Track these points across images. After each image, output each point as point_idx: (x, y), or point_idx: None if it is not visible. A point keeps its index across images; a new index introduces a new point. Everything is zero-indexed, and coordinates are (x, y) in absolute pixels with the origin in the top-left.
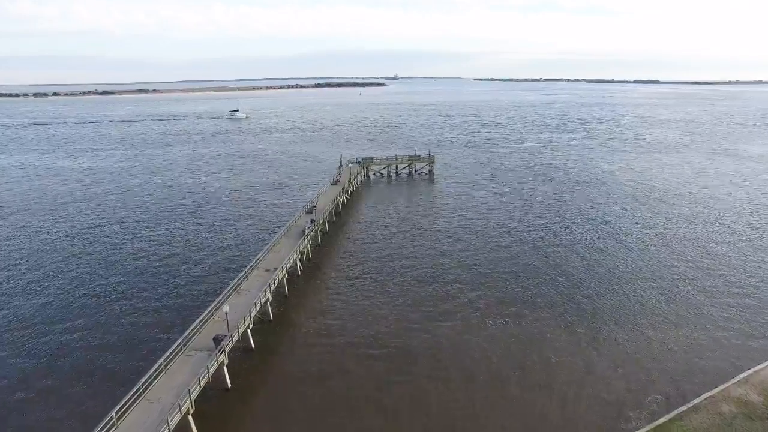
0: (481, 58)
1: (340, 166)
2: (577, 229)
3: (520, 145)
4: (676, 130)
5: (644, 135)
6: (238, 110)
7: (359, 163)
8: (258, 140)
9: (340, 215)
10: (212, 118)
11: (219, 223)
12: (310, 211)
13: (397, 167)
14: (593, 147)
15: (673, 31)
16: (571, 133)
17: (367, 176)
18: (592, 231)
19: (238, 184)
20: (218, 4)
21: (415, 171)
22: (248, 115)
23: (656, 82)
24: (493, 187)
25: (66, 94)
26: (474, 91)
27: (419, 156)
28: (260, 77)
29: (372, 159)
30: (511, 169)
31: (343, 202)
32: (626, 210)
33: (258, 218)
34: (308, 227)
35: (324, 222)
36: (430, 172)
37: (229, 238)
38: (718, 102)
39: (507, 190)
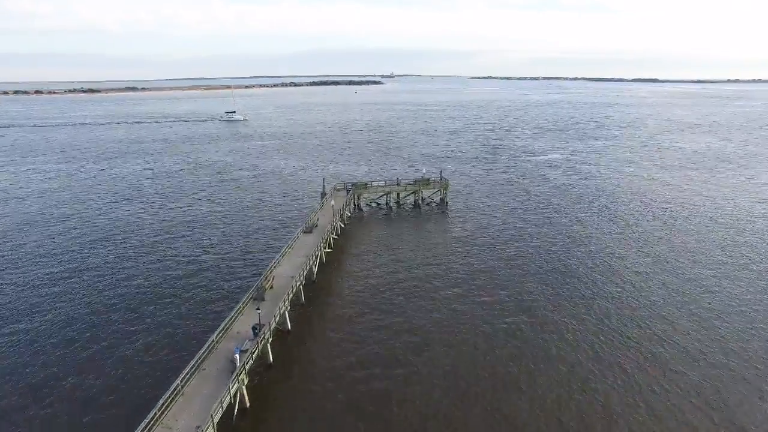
0: (479, 57)
1: (323, 194)
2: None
3: (544, 159)
4: (712, 136)
5: (681, 143)
6: (234, 111)
7: (348, 190)
8: (231, 150)
9: (315, 285)
10: (206, 120)
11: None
12: (260, 297)
13: (398, 195)
14: (633, 160)
15: (670, 31)
16: (595, 141)
17: (359, 208)
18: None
19: (154, 245)
20: (218, 1)
21: (423, 200)
22: (246, 117)
23: (655, 80)
24: (536, 227)
25: (49, 92)
26: (474, 91)
27: (428, 180)
28: (257, 75)
29: (365, 184)
30: (547, 194)
31: (320, 260)
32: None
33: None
34: (238, 357)
35: (284, 312)
36: (442, 200)
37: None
38: (731, 102)
39: (554, 230)
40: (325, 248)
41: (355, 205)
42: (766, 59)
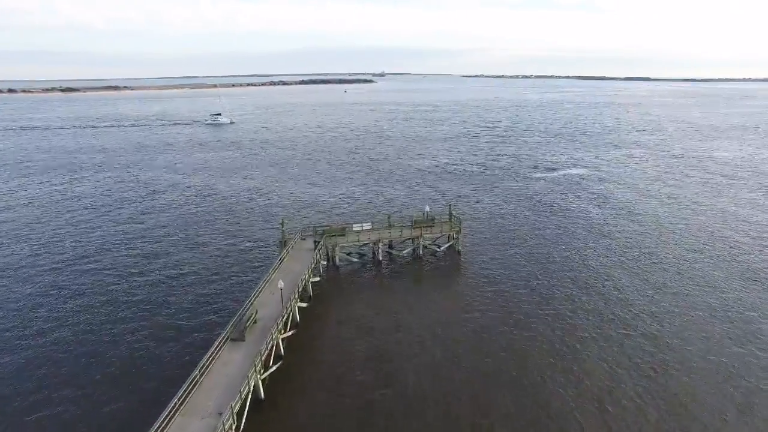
0: (469, 55)
1: (283, 243)
2: None
3: (564, 176)
4: (744, 142)
5: (715, 151)
6: (220, 114)
7: (316, 240)
8: (201, 164)
9: None
10: (189, 123)
11: None
12: None
13: (390, 244)
14: (672, 178)
15: (657, 30)
16: (616, 150)
17: (334, 263)
18: None
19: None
20: None
21: (425, 247)
22: (233, 120)
23: (647, 79)
24: (585, 297)
25: (24, 91)
26: (466, 89)
27: (432, 219)
28: (247, 73)
29: (342, 229)
30: (585, 234)
31: (252, 395)
32: None
33: None
34: None
35: None
36: (452, 248)
37: None
38: (738, 102)
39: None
40: (261, 373)
41: (328, 259)
42: (755, 59)
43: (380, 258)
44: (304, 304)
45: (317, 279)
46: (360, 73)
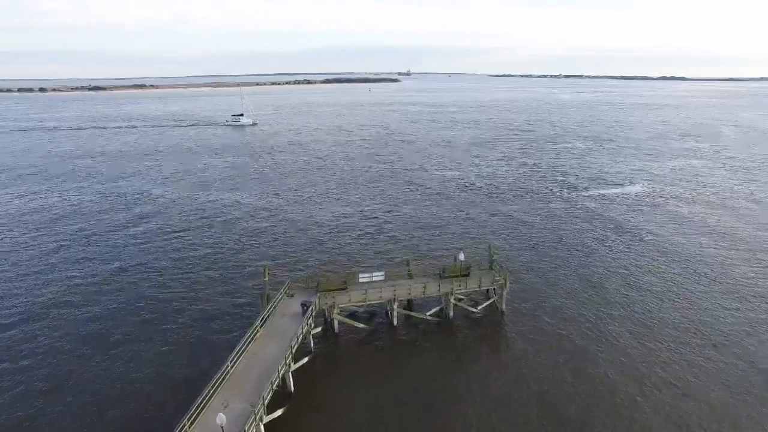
0: (495, 54)
1: (265, 297)
2: None
3: (618, 193)
4: None
5: None
6: (242, 115)
7: (305, 303)
8: (205, 179)
9: None
10: (209, 124)
11: None
12: None
13: (410, 302)
14: (754, 199)
15: (690, 27)
16: (673, 159)
17: (332, 329)
18: None
19: None
20: None
21: (454, 306)
22: (256, 121)
23: (683, 78)
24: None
25: (54, 89)
26: (494, 89)
27: (467, 269)
28: (271, 72)
29: (344, 283)
30: (665, 285)
31: None
32: None
33: None
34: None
35: None
36: (493, 307)
37: None
38: None
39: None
40: None
41: (325, 321)
42: None
43: (395, 322)
44: (276, 414)
45: (304, 361)
46: (385, 72)
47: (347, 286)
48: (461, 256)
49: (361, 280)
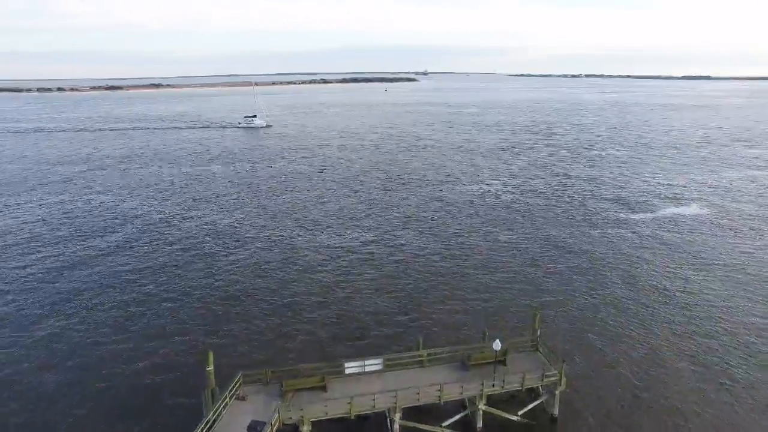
0: (513, 54)
1: (208, 412)
2: None
3: (673, 215)
4: None
5: None
6: (255, 116)
7: (255, 427)
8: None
9: None
10: (222, 126)
11: None
12: None
13: (419, 408)
14: None
15: (711, 25)
16: (726, 170)
17: None
18: None
19: None
20: None
21: (480, 407)
22: (269, 123)
23: (708, 78)
24: None
25: (71, 89)
26: (513, 89)
27: (504, 353)
28: (288, 71)
29: (322, 379)
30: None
31: None
32: None
33: None
34: None
35: None
36: (542, 408)
37: None
38: None
39: None
40: None
41: None
42: None
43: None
44: None
45: None
46: (403, 71)
47: (326, 382)
48: (497, 345)
49: (348, 371)
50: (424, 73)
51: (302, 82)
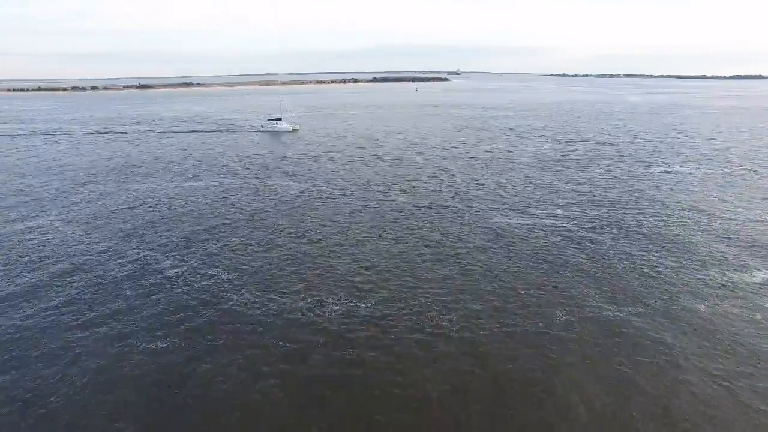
0: (548, 53)
1: None
2: None
3: None
4: None
5: None
6: (280, 119)
7: None
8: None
9: None
10: (243, 129)
11: None
12: None
13: None
14: None
15: (752, 21)
16: None
17: None
18: None
19: None
20: None
21: None
22: (297, 127)
23: (759, 77)
24: None
25: (105, 88)
26: (550, 89)
27: None
28: (318, 71)
29: None
30: None
31: None
32: None
33: None
34: None
35: None
36: None
37: None
38: None
39: None
40: None
41: None
42: None
43: None
44: None
45: None
46: (435, 71)
47: None
48: None
49: None
50: (457, 73)
51: (332, 81)
